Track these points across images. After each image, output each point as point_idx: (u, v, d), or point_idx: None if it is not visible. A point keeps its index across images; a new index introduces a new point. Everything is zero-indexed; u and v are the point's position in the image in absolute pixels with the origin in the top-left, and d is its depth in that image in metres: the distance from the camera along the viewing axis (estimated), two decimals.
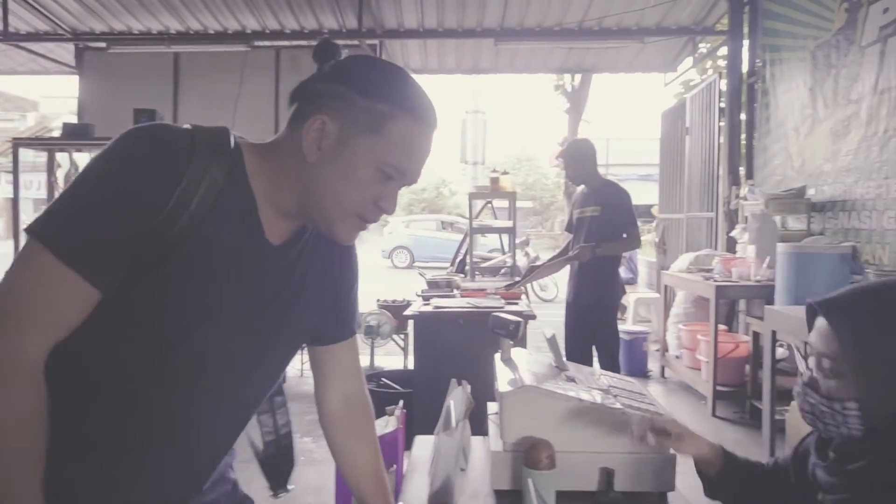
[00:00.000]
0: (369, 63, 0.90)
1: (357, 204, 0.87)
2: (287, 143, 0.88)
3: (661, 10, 5.88)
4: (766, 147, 5.05)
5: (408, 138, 0.86)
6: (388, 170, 0.86)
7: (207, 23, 6.34)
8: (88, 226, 0.78)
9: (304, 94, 0.88)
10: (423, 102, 0.88)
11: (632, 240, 3.72)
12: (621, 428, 1.24)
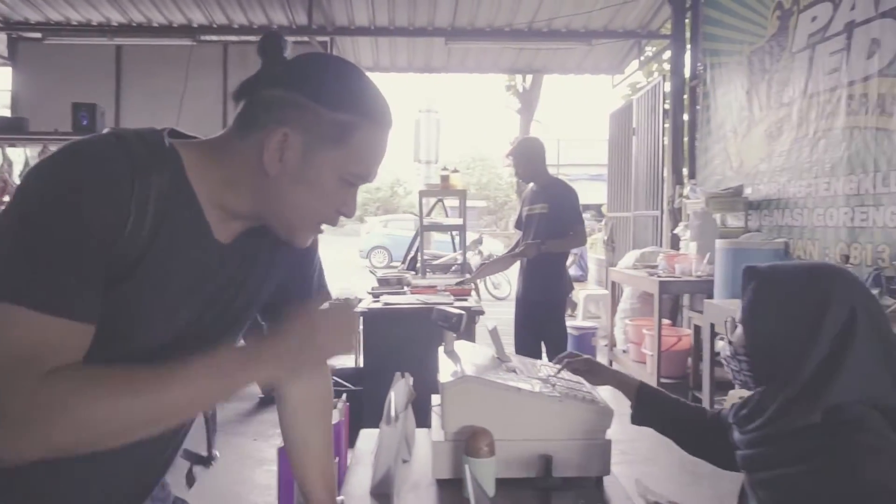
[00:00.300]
0: (328, 68, 0.85)
1: (320, 214, 0.87)
2: (238, 149, 0.83)
3: (608, 13, 6.04)
4: (707, 148, 5.25)
5: (369, 145, 0.85)
6: (352, 178, 0.86)
7: (151, 15, 6.16)
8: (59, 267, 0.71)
9: (259, 99, 0.83)
10: (383, 106, 0.87)
11: (577, 237, 3.78)
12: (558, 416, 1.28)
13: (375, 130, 0.85)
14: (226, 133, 0.85)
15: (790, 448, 1.00)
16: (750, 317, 1.10)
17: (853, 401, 0.96)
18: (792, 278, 1.08)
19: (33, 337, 0.69)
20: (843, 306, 1.00)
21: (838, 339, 0.98)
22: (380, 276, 3.91)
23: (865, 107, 3.27)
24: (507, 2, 5.82)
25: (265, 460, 3.24)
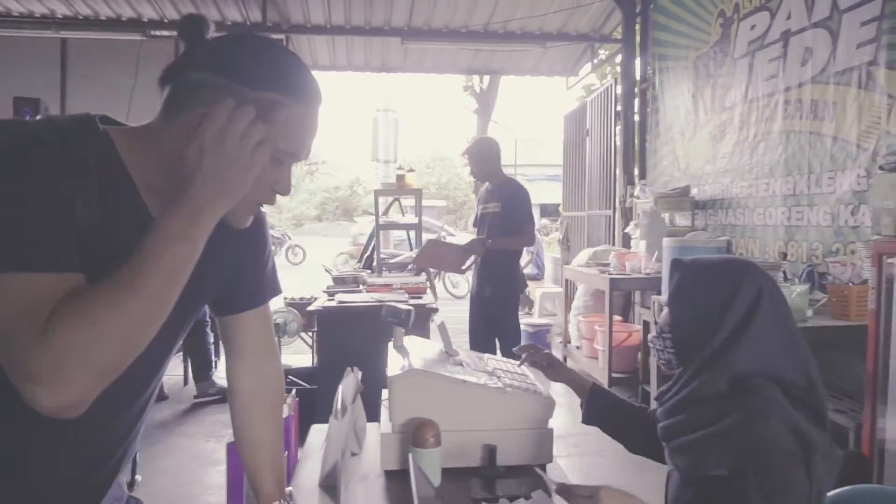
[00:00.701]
0: (249, 48, 0.86)
1: (254, 193, 0.86)
2: (168, 133, 0.84)
3: (562, 16, 6.16)
4: (657, 149, 5.42)
5: (296, 122, 0.86)
6: (280, 156, 0.86)
7: (99, 8, 6.00)
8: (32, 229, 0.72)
9: (183, 83, 0.84)
10: (307, 83, 0.87)
11: (524, 236, 3.83)
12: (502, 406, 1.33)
13: (300, 107, 0.86)
14: (156, 118, 0.86)
15: (700, 414, 1.11)
16: (674, 299, 1.22)
17: (755, 373, 1.08)
18: (710, 267, 1.21)
19: (28, 297, 0.70)
20: (750, 289, 1.13)
21: (744, 317, 1.11)
22: (335, 274, 3.91)
23: (800, 112, 3.44)
24: (462, 3, 5.88)
25: (218, 461, 3.20)
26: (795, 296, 2.68)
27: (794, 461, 1.00)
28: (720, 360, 1.11)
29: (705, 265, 1.22)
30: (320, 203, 30.98)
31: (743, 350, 1.10)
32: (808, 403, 1.08)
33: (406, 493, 1.27)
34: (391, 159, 10.72)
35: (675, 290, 1.22)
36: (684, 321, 1.19)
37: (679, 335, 1.20)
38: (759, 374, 1.08)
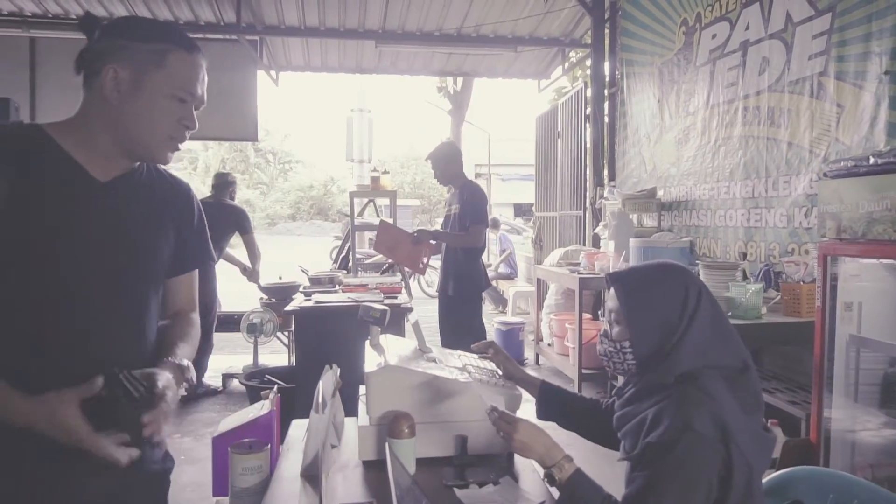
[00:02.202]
0: (135, 19, 1.17)
1: (166, 127, 1.09)
2: (87, 101, 1.08)
3: (533, 21, 6.29)
4: (625, 151, 5.58)
5: (185, 65, 1.09)
6: (181, 94, 1.09)
7: (69, 7, 5.94)
8: None
9: (89, 55, 1.07)
10: (185, 35, 1.12)
11: (470, 236, 3.88)
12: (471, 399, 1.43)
13: (184, 52, 1.10)
14: (82, 100, 1.10)
15: (646, 401, 1.23)
16: (630, 312, 1.27)
17: (699, 364, 1.20)
18: (657, 275, 1.30)
19: None
20: (693, 290, 1.25)
21: (691, 316, 1.22)
22: (311, 275, 3.97)
23: (758, 118, 3.61)
24: (436, 6, 5.96)
25: (195, 459, 3.25)
26: (750, 294, 2.83)
27: (707, 445, 1.11)
28: (670, 357, 1.21)
29: (651, 274, 1.30)
30: (294, 202, 30.77)
31: (690, 345, 1.21)
32: (744, 387, 1.20)
33: (382, 481, 1.36)
34: (365, 159, 10.76)
35: (629, 303, 1.27)
36: (646, 331, 1.24)
37: (641, 345, 1.25)
38: (703, 365, 1.19)
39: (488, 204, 4.06)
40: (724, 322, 1.27)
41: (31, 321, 1.03)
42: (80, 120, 1.09)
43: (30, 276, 1.02)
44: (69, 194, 1.05)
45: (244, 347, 5.19)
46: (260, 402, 1.51)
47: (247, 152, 30.71)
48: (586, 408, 1.57)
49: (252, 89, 6.58)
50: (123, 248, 1.11)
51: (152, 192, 1.17)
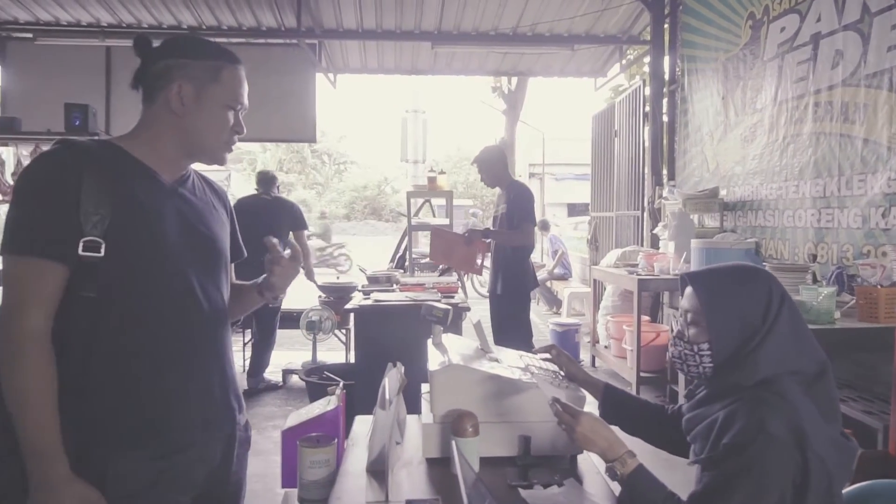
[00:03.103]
0: (184, 37, 1.28)
1: (222, 134, 1.25)
2: (152, 115, 1.22)
3: (590, 18, 6.20)
4: (686, 150, 5.43)
5: (234, 77, 1.24)
6: (232, 103, 1.24)
7: (141, 16, 6.22)
8: (33, 229, 1.10)
9: (151, 75, 1.21)
10: (229, 51, 1.26)
11: (520, 234, 3.93)
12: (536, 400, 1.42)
13: (233, 67, 1.25)
14: (142, 115, 1.24)
15: (718, 403, 1.20)
16: (711, 314, 1.24)
17: (778, 370, 1.16)
18: (736, 278, 1.26)
19: (25, 275, 1.09)
20: (776, 294, 1.21)
21: (773, 320, 1.19)
22: (369, 274, 4.04)
23: (830, 114, 3.45)
24: (491, 6, 5.96)
25: (259, 451, 3.35)
26: (822, 298, 2.71)
27: (781, 450, 1.07)
28: (749, 360, 1.18)
29: (734, 276, 1.26)
30: (349, 202, 31.29)
31: (770, 350, 1.17)
32: (822, 393, 1.16)
33: (446, 479, 1.38)
34: (420, 159, 10.87)
35: (711, 305, 1.23)
36: (727, 334, 1.21)
37: (720, 348, 1.22)
38: (781, 371, 1.16)
39: (535, 203, 4.08)
40: (804, 327, 1.23)
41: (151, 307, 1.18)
42: (144, 131, 1.23)
43: (145, 268, 1.17)
44: (150, 195, 1.20)
45: (303, 344, 5.33)
46: (326, 398, 1.55)
47: (303, 153, 31.43)
48: (651, 412, 1.54)
49: (311, 92, 6.74)
50: (204, 235, 1.27)
51: (204, 192, 1.34)
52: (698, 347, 1.24)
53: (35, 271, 1.09)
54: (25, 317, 1.08)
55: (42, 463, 1.07)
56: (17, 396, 1.07)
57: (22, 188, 1.13)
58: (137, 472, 1.14)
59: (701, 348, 1.24)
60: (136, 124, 1.25)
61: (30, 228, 1.10)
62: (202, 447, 1.24)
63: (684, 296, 1.31)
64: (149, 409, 1.16)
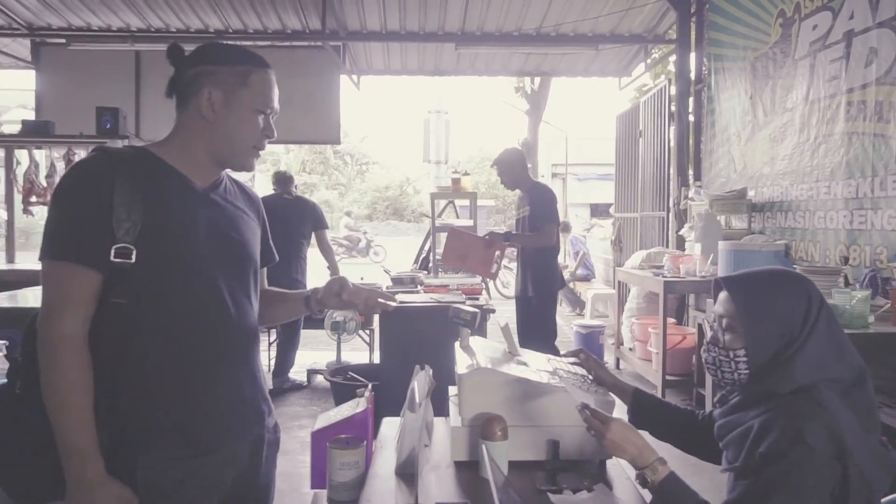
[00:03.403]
0: (213, 45, 1.29)
1: (252, 138, 1.25)
2: (184, 121, 1.25)
3: (614, 17, 6.15)
4: (712, 150, 5.35)
5: (263, 81, 1.25)
6: (262, 108, 1.25)
7: (169, 21, 6.33)
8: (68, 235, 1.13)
9: (182, 82, 1.23)
10: (258, 56, 1.27)
11: (544, 235, 3.96)
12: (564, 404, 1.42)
13: (262, 71, 1.26)
14: (175, 123, 1.26)
15: (753, 410, 1.18)
16: (747, 319, 1.21)
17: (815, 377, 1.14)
18: (775, 283, 1.24)
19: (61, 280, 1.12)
20: (815, 299, 1.19)
21: (812, 326, 1.17)
22: (394, 275, 4.05)
23: (864, 113, 3.38)
24: (515, 7, 5.94)
25: (286, 451, 3.38)
26: (856, 301, 2.65)
27: (821, 461, 1.05)
28: (785, 367, 1.16)
29: (773, 281, 1.24)
30: (371, 203, 31.44)
31: (808, 357, 1.15)
32: (860, 401, 1.14)
33: (474, 482, 1.38)
34: (442, 160, 10.87)
35: (748, 310, 1.21)
36: (764, 341, 1.19)
37: (757, 355, 1.20)
38: (818, 378, 1.14)
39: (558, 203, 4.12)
40: (841, 333, 1.21)
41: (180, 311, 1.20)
42: (177, 137, 1.25)
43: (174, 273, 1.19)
44: (182, 201, 1.22)
45: (327, 344, 5.37)
46: (355, 400, 1.56)
47: (326, 154, 31.66)
48: (682, 418, 1.52)
49: (335, 94, 6.79)
50: (234, 241, 1.29)
51: (236, 197, 1.35)
52: (734, 353, 1.22)
53: (70, 276, 1.12)
54: (61, 320, 1.11)
55: (79, 462, 1.10)
56: (55, 397, 1.10)
57: (58, 195, 1.16)
58: (165, 472, 1.16)
59: (737, 354, 1.22)
60: (171, 131, 1.27)
61: (65, 235, 1.13)
62: (229, 450, 1.26)
63: (718, 300, 1.29)
64: (177, 412, 1.19)
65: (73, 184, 1.16)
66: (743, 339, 1.21)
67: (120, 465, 1.13)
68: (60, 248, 1.13)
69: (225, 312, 1.25)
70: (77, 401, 1.10)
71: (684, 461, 1.56)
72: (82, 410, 1.10)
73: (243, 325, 1.29)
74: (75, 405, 1.10)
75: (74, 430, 1.10)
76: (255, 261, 1.34)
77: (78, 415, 1.10)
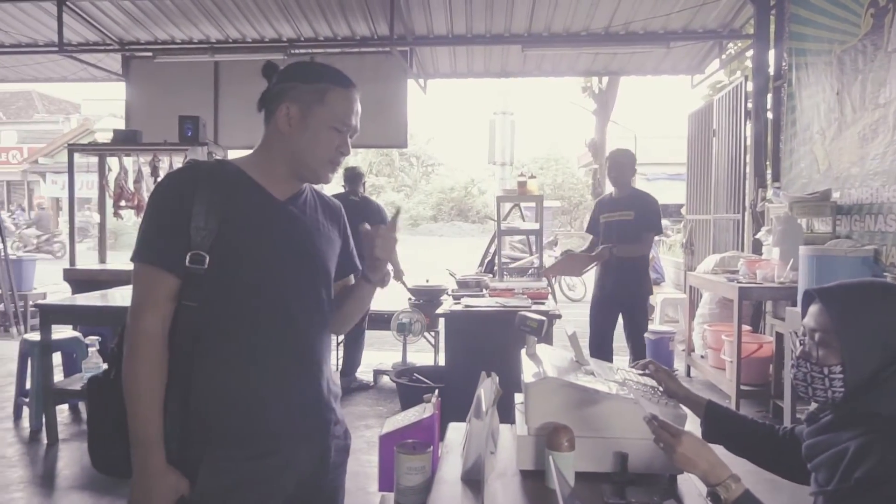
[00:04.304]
0: (300, 62, 1.37)
1: (327, 154, 1.29)
2: (267, 135, 1.31)
3: (687, 14, 5.95)
4: (793, 150, 5.09)
5: (342, 100, 1.29)
6: (338, 125, 1.28)
7: (246, 31, 6.60)
8: (151, 241, 1.23)
9: (268, 99, 1.30)
10: (342, 74, 1.31)
11: (645, 245, 4.10)
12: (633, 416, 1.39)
13: (342, 90, 1.29)
14: (263, 134, 1.33)
15: (847, 431, 1.11)
16: (845, 334, 1.15)
17: None
18: (874, 295, 1.17)
19: (145, 282, 1.22)
20: None
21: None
22: (459, 278, 4.07)
23: None
24: (583, 7, 5.85)
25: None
26: None
27: None
28: (885, 386, 1.09)
29: (871, 293, 1.17)
30: (436, 204, 31.69)
31: None
32: None
33: (540, 491, 1.37)
34: (507, 161, 10.84)
35: (845, 324, 1.15)
36: (863, 357, 1.13)
37: (854, 372, 1.14)
38: None
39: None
40: None
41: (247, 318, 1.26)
42: (260, 150, 1.32)
43: (243, 280, 1.25)
44: (258, 212, 1.28)
45: (393, 345, 5.46)
46: (421, 405, 1.58)
47: (392, 156, 32.17)
48: (761, 433, 1.46)
49: (402, 98, 6.89)
50: (306, 252, 1.32)
51: (316, 209, 1.39)
52: (828, 370, 1.16)
53: (152, 279, 1.21)
54: (143, 317, 1.21)
55: (143, 451, 1.19)
56: (131, 389, 1.20)
57: (149, 203, 1.28)
58: (227, 471, 1.22)
59: (832, 371, 1.15)
60: (258, 144, 1.34)
61: (149, 240, 1.23)
62: (290, 454, 1.29)
63: (809, 313, 1.22)
64: (240, 414, 1.24)
65: (160, 194, 1.26)
66: (839, 355, 1.15)
67: (186, 459, 1.21)
68: (145, 252, 1.23)
69: (292, 321, 1.29)
70: (148, 393, 1.19)
71: (758, 476, 1.50)
72: (152, 403, 1.19)
73: (310, 335, 1.32)
74: (146, 397, 1.19)
75: (142, 420, 1.19)
76: (326, 272, 1.37)
77: (147, 406, 1.19)
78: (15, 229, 17.44)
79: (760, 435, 1.45)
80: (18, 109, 27.63)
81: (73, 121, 25.11)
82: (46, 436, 3.74)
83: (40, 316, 3.76)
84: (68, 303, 4.05)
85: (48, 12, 6.08)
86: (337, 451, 1.41)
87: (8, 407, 4.32)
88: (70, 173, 5.66)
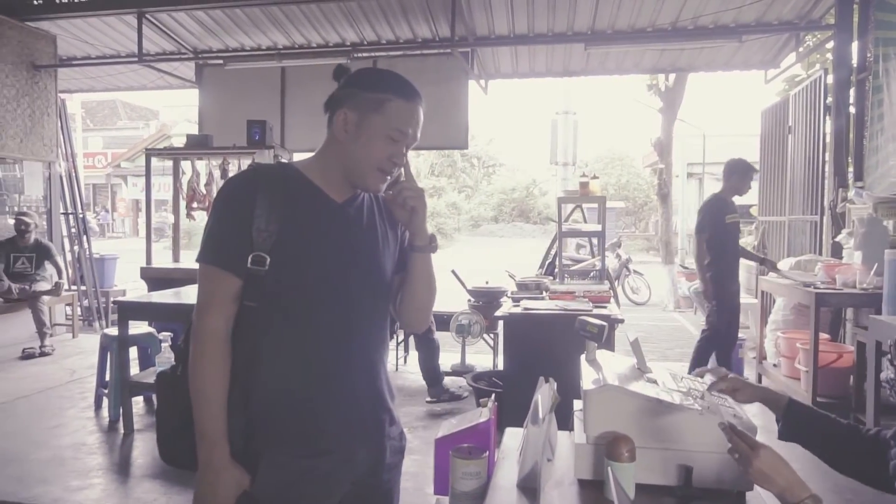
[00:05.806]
0: (366, 70, 1.34)
1: (377, 161, 1.29)
2: (328, 138, 1.33)
3: (760, 5, 5.68)
4: (879, 147, 4.77)
5: (400, 111, 1.28)
6: (393, 134, 1.28)
7: (311, 37, 6.78)
8: (216, 243, 1.27)
9: (332, 103, 1.31)
10: (406, 86, 1.30)
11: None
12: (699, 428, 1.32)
13: (402, 101, 1.28)
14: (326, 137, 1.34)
15: None
16: None
17: None
18: None
19: (210, 282, 1.26)
20: None
21: None
22: (518, 280, 4.03)
23: None
24: (649, 2, 5.68)
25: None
26: None
27: None
28: None
29: None
30: (497, 205, 31.57)
31: None
32: None
33: (598, 501, 1.33)
34: (570, 161, 10.67)
35: None
36: None
37: None
38: None
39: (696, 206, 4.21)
40: None
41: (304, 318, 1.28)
42: (320, 154, 1.34)
43: (302, 281, 1.27)
44: (317, 214, 1.31)
45: (452, 346, 5.46)
46: (478, 409, 1.57)
47: (453, 157, 32.25)
48: (842, 432, 1.35)
49: (464, 99, 6.90)
50: (362, 252, 1.34)
51: (372, 211, 1.39)
52: None
53: (216, 279, 1.25)
54: (208, 316, 1.24)
55: (207, 447, 1.22)
56: (195, 384, 1.23)
57: (213, 206, 1.32)
58: (283, 468, 1.25)
59: None
60: (319, 149, 1.37)
61: (214, 241, 1.27)
62: (345, 454, 1.31)
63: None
64: (296, 413, 1.27)
65: (223, 197, 1.29)
66: None
67: (247, 455, 1.24)
68: (209, 253, 1.27)
69: (348, 322, 1.30)
70: (212, 390, 1.22)
71: (836, 492, 1.40)
72: (216, 400, 1.22)
73: (366, 335, 1.34)
74: (211, 394, 1.22)
75: (207, 416, 1.22)
76: (383, 274, 1.38)
77: (212, 403, 1.22)
78: (99, 230, 18.49)
79: (842, 434, 1.35)
80: (104, 117, 29.44)
81: (153, 127, 26.53)
82: (123, 426, 3.96)
83: (118, 312, 3.97)
84: (144, 300, 4.26)
85: (129, 24, 6.43)
86: (392, 452, 1.42)
87: (90, 397, 4.60)
88: (147, 176, 5.97)
